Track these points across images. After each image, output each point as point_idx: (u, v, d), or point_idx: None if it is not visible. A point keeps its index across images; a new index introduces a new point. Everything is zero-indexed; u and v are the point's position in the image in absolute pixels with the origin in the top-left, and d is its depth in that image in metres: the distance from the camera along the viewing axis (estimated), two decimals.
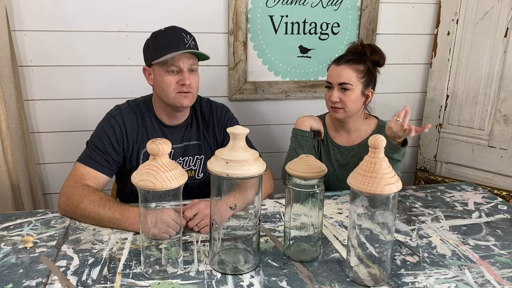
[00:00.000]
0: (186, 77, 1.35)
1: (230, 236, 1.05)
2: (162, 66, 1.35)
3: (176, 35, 1.36)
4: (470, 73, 2.04)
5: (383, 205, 0.94)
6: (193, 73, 1.39)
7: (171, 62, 1.34)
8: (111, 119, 1.42)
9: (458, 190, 1.54)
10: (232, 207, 1.01)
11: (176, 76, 1.36)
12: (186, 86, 1.36)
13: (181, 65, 1.35)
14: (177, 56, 1.33)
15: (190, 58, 1.36)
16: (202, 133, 1.51)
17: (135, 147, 1.44)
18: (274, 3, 1.98)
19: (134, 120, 1.43)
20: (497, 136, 1.98)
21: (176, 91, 1.36)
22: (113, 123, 1.40)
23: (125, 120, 1.42)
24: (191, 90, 1.37)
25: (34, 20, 1.80)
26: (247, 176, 0.94)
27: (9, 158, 1.81)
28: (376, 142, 0.90)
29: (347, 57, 1.50)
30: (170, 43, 1.34)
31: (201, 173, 1.52)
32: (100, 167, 1.36)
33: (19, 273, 0.98)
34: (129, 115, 1.43)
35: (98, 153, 1.37)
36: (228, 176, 0.93)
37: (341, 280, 0.98)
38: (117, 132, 1.40)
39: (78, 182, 1.31)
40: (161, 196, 0.95)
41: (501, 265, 1.06)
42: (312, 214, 1.05)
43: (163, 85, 1.37)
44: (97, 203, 1.22)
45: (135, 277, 0.98)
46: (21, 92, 1.82)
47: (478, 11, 1.97)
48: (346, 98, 1.49)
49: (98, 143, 1.38)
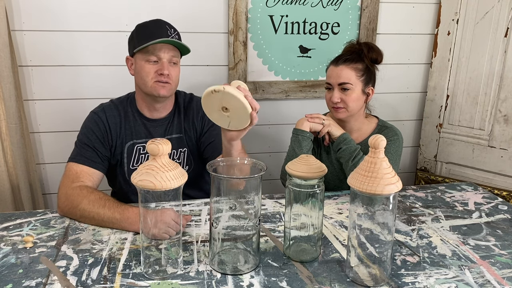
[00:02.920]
0: (165, 66, 1.38)
1: (230, 236, 1.05)
2: (143, 55, 1.38)
3: (160, 26, 1.40)
4: (470, 73, 2.04)
5: (383, 205, 0.94)
6: (174, 65, 1.42)
7: (152, 51, 1.37)
8: (94, 116, 1.46)
9: (458, 190, 1.54)
10: (232, 207, 1.01)
11: (156, 65, 1.39)
12: (164, 76, 1.38)
13: (161, 55, 1.38)
14: (158, 46, 1.36)
15: (171, 50, 1.39)
16: (183, 126, 1.52)
17: (118, 141, 1.46)
18: (274, 3, 1.98)
19: (117, 116, 1.47)
20: (497, 136, 1.98)
21: (154, 80, 1.39)
22: (96, 120, 1.44)
23: (108, 116, 1.45)
24: (169, 81, 1.40)
25: (34, 20, 1.80)
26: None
27: (8, 158, 1.81)
28: (376, 142, 0.90)
29: (344, 57, 1.50)
30: (153, 32, 1.37)
31: (186, 166, 1.53)
32: (92, 163, 1.38)
33: (18, 273, 0.98)
34: (111, 111, 1.47)
35: (87, 149, 1.40)
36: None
37: (341, 280, 0.98)
38: (101, 127, 1.44)
39: (74, 181, 1.31)
40: (161, 196, 0.95)
41: (501, 265, 1.06)
42: (312, 214, 1.04)
43: (142, 73, 1.40)
44: (96, 203, 1.22)
45: (135, 277, 0.98)
46: (20, 92, 1.82)
47: (478, 11, 1.97)
48: (347, 98, 1.49)
49: (86, 140, 1.41)
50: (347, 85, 1.48)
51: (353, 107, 1.50)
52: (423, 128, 2.26)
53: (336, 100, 1.49)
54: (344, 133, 1.50)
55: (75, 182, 1.31)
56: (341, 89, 1.49)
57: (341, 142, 1.48)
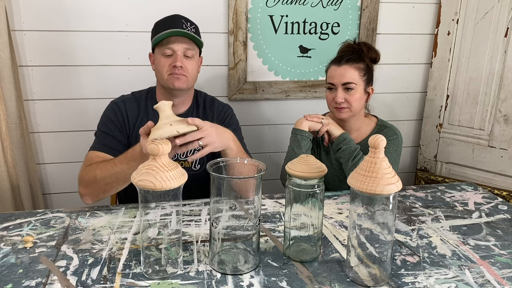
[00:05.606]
0: (178, 59, 1.41)
1: (230, 236, 1.05)
2: (159, 48, 1.43)
3: (175, 20, 1.44)
4: (470, 73, 2.04)
5: (383, 205, 0.94)
6: (189, 58, 1.44)
7: (166, 44, 1.40)
8: (113, 105, 1.49)
9: (458, 190, 1.54)
10: (232, 207, 1.01)
11: (170, 58, 1.43)
12: (178, 68, 1.40)
13: (175, 47, 1.41)
14: (172, 39, 1.40)
15: (185, 43, 1.42)
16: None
17: (135, 133, 1.48)
18: (274, 3, 1.98)
19: (136, 109, 1.49)
20: (497, 136, 1.98)
21: (168, 73, 1.42)
22: (115, 109, 1.48)
23: (127, 107, 1.49)
24: (184, 73, 1.42)
25: (33, 20, 1.80)
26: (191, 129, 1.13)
27: (8, 158, 1.81)
28: (376, 142, 0.90)
29: (346, 56, 1.50)
30: (167, 25, 1.41)
31: (198, 164, 1.53)
32: (110, 150, 1.40)
33: (18, 273, 0.98)
34: (131, 103, 1.50)
35: (106, 137, 1.43)
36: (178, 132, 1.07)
37: (341, 280, 0.98)
38: (119, 117, 1.47)
39: (87, 165, 1.35)
40: (160, 196, 0.95)
41: (501, 265, 1.06)
42: (312, 214, 1.04)
43: (158, 67, 1.44)
44: (108, 166, 1.26)
45: (135, 277, 0.98)
46: (20, 92, 1.82)
47: (478, 11, 1.97)
48: (351, 98, 1.49)
49: (105, 128, 1.45)
50: (351, 84, 1.48)
51: (356, 106, 1.50)
52: (423, 128, 2.26)
53: (340, 100, 1.49)
54: (343, 133, 1.50)
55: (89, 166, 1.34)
56: (345, 89, 1.49)
57: (341, 142, 1.48)
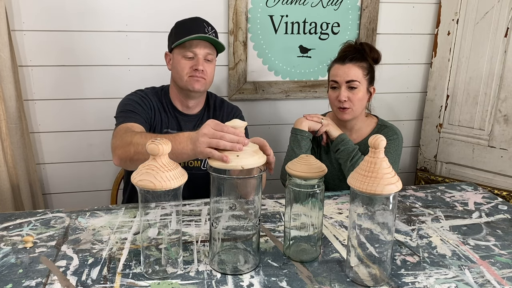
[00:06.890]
0: (200, 62, 1.44)
1: (230, 236, 1.05)
2: (180, 50, 1.45)
3: (197, 23, 1.46)
4: (470, 73, 2.04)
5: (383, 205, 0.94)
6: (208, 62, 1.47)
7: (188, 47, 1.43)
8: (140, 92, 1.51)
9: (458, 190, 1.54)
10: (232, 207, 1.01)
11: (191, 61, 1.45)
12: (199, 72, 1.43)
13: (197, 51, 1.43)
14: (195, 42, 1.42)
15: (207, 47, 1.45)
16: None
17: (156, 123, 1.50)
18: (274, 3, 1.98)
19: (158, 102, 1.52)
20: (497, 136, 1.98)
21: (188, 75, 1.44)
22: (142, 95, 1.49)
23: (151, 99, 1.50)
24: (204, 77, 1.45)
25: (34, 20, 1.80)
26: (259, 163, 0.96)
27: (8, 158, 1.81)
28: (376, 142, 0.90)
29: (350, 55, 1.50)
30: (190, 29, 1.43)
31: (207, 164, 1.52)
32: (138, 120, 1.39)
33: (18, 273, 0.98)
34: (153, 96, 1.52)
35: (133, 114, 1.41)
36: (243, 168, 0.94)
37: (341, 280, 0.98)
38: (146, 103, 1.48)
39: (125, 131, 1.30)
40: (160, 196, 0.95)
41: (501, 265, 1.06)
42: (312, 214, 1.04)
43: (178, 68, 1.46)
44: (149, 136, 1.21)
45: (135, 277, 0.98)
46: (20, 92, 1.82)
47: (478, 11, 1.97)
48: (354, 97, 1.49)
49: (129, 107, 1.43)
50: (355, 83, 1.48)
51: (358, 106, 1.51)
52: (423, 128, 2.26)
53: (344, 98, 1.49)
54: (342, 133, 1.50)
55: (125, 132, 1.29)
56: (348, 87, 1.49)
57: (339, 143, 1.48)
